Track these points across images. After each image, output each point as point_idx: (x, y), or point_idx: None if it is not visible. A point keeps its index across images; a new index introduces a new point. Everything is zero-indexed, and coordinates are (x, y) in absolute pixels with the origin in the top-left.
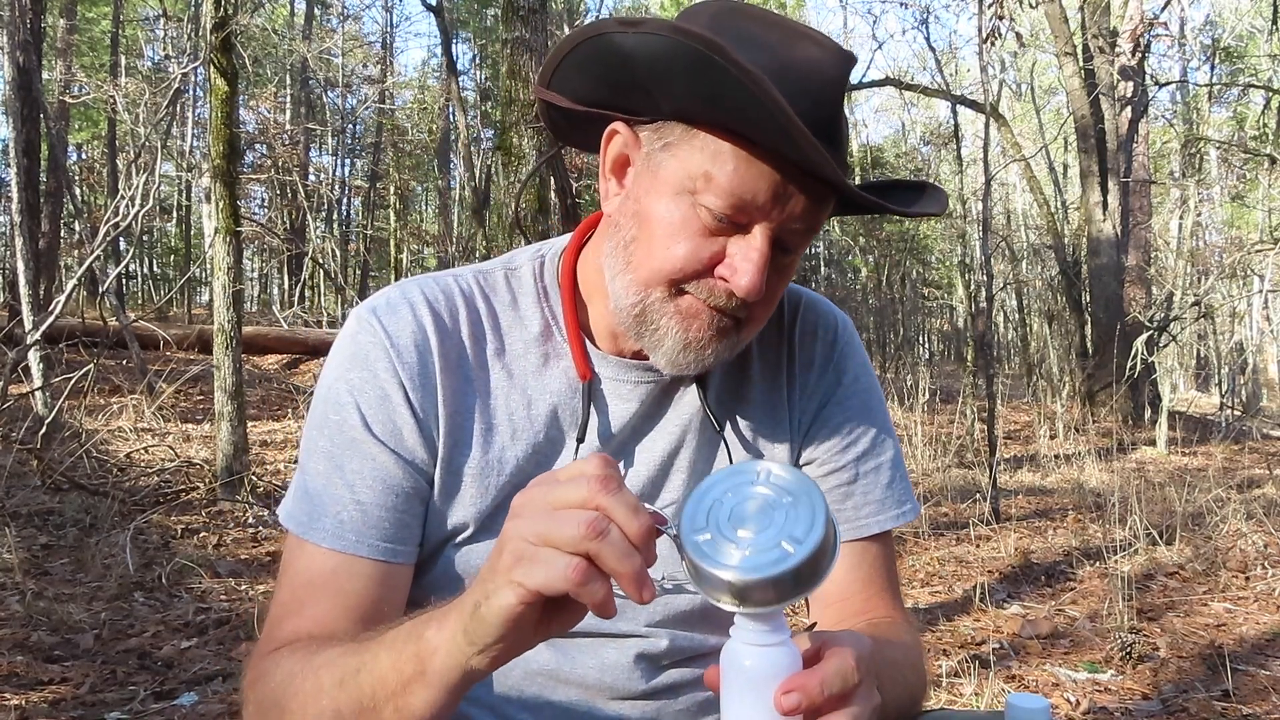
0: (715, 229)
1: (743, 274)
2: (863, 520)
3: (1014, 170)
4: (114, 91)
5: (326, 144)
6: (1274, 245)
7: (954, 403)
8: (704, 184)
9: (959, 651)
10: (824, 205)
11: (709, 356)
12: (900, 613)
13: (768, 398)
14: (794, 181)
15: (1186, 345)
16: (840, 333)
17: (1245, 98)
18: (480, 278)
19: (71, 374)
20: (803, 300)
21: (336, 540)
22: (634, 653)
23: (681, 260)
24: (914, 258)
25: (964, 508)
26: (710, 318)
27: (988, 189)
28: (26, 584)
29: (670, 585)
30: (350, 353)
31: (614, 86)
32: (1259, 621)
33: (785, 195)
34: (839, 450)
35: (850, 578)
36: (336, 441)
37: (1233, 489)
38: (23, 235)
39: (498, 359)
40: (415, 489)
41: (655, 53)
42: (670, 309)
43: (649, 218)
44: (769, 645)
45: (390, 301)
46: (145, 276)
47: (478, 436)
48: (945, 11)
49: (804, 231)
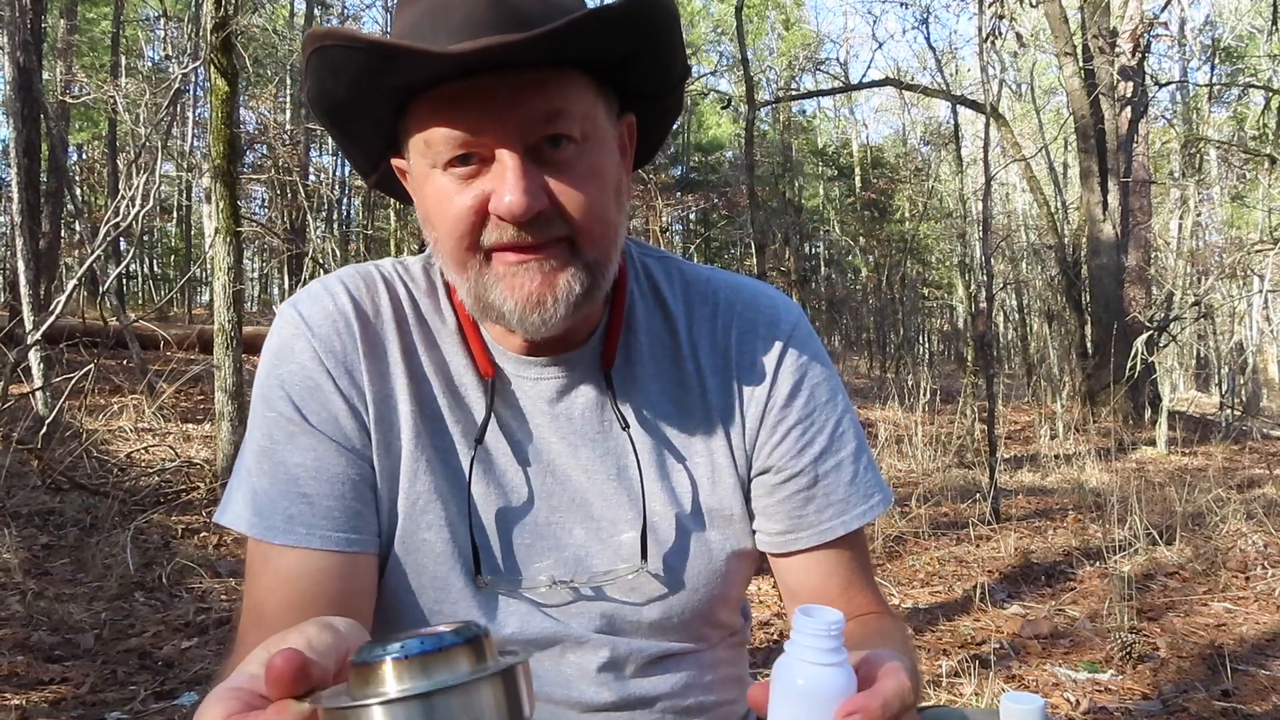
0: (467, 177)
1: (501, 197)
2: (826, 524)
3: (1014, 170)
4: (114, 92)
5: (326, 144)
6: (1274, 245)
7: (954, 403)
8: (431, 153)
9: (959, 651)
10: (534, 84)
11: (557, 304)
12: (883, 605)
13: (706, 401)
14: (474, 87)
15: (1186, 345)
16: (784, 327)
17: (1245, 98)
18: (399, 268)
19: (72, 374)
20: (741, 296)
21: (288, 536)
22: (596, 663)
23: (454, 220)
24: (914, 258)
25: (964, 508)
26: (528, 267)
27: (988, 189)
28: (27, 584)
29: (585, 588)
30: (275, 347)
31: (356, 139)
32: (1259, 621)
33: (483, 104)
34: (794, 454)
35: (828, 583)
36: (274, 437)
37: (1233, 489)
38: (23, 235)
39: (423, 343)
40: (360, 475)
41: (312, 93)
42: (492, 278)
43: (427, 213)
44: (829, 665)
45: (310, 293)
46: (145, 276)
47: (407, 420)
48: (945, 11)
49: (543, 117)
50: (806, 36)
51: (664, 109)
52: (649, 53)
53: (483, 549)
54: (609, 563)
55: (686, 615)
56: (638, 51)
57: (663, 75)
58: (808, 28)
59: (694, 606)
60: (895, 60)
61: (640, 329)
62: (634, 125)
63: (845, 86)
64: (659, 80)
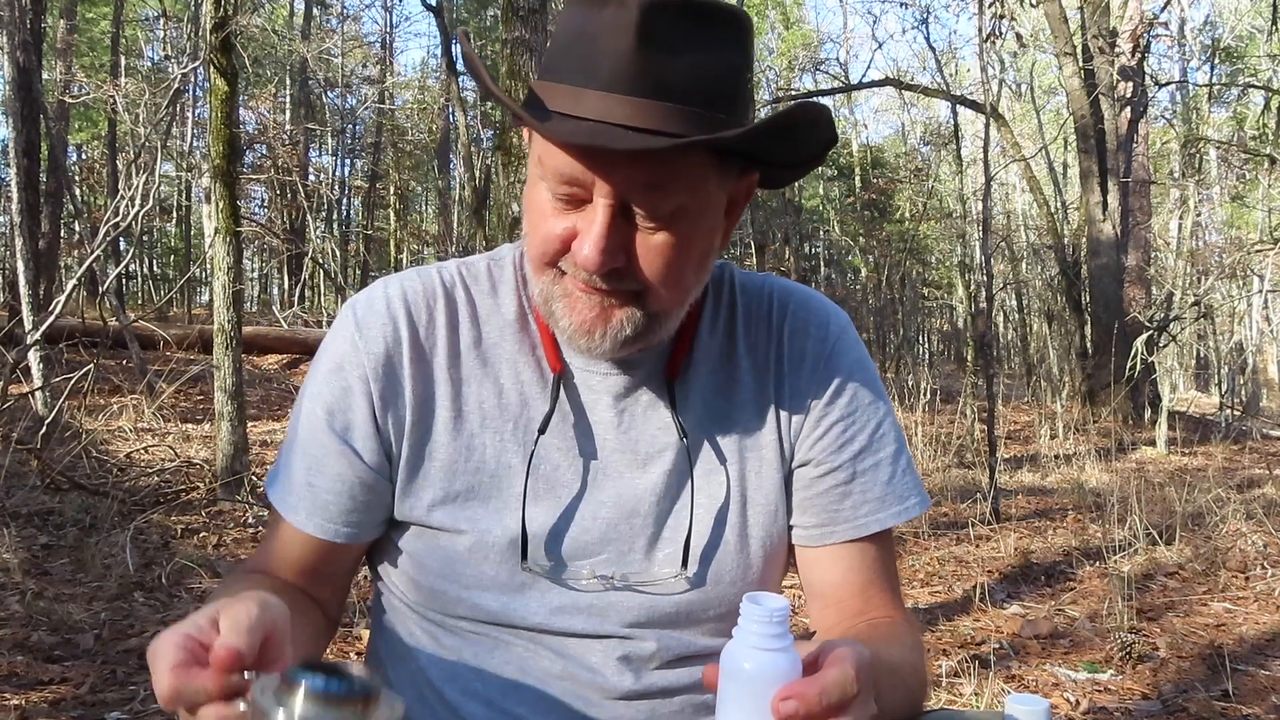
0: (563, 207)
1: (581, 244)
2: (861, 519)
3: (1014, 170)
4: (114, 91)
5: (326, 144)
6: (1274, 245)
7: (954, 403)
8: (541, 167)
9: (959, 651)
10: (656, 162)
11: (604, 338)
12: (901, 611)
13: (756, 399)
14: (601, 155)
15: (1186, 345)
16: (833, 329)
17: (1245, 98)
18: (464, 268)
19: (71, 374)
20: (794, 298)
21: (290, 513)
22: (618, 654)
23: (542, 240)
24: (914, 258)
25: (964, 508)
26: (590, 298)
27: (988, 189)
28: (26, 584)
29: (620, 584)
30: (328, 346)
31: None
32: (1259, 621)
33: (594, 155)
34: (834, 450)
35: (849, 579)
36: (305, 426)
37: (1232, 489)
38: (23, 235)
39: (473, 349)
40: (364, 480)
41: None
42: (558, 292)
43: (527, 207)
44: (771, 650)
45: (369, 297)
46: (145, 276)
47: (446, 424)
48: (945, 11)
49: (653, 190)
50: (806, 36)
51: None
52: (783, 141)
53: (532, 539)
54: (650, 566)
55: (718, 612)
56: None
57: (798, 154)
58: (808, 27)
59: (727, 603)
60: (895, 60)
61: (702, 341)
62: (754, 183)
63: (845, 86)
64: (792, 158)
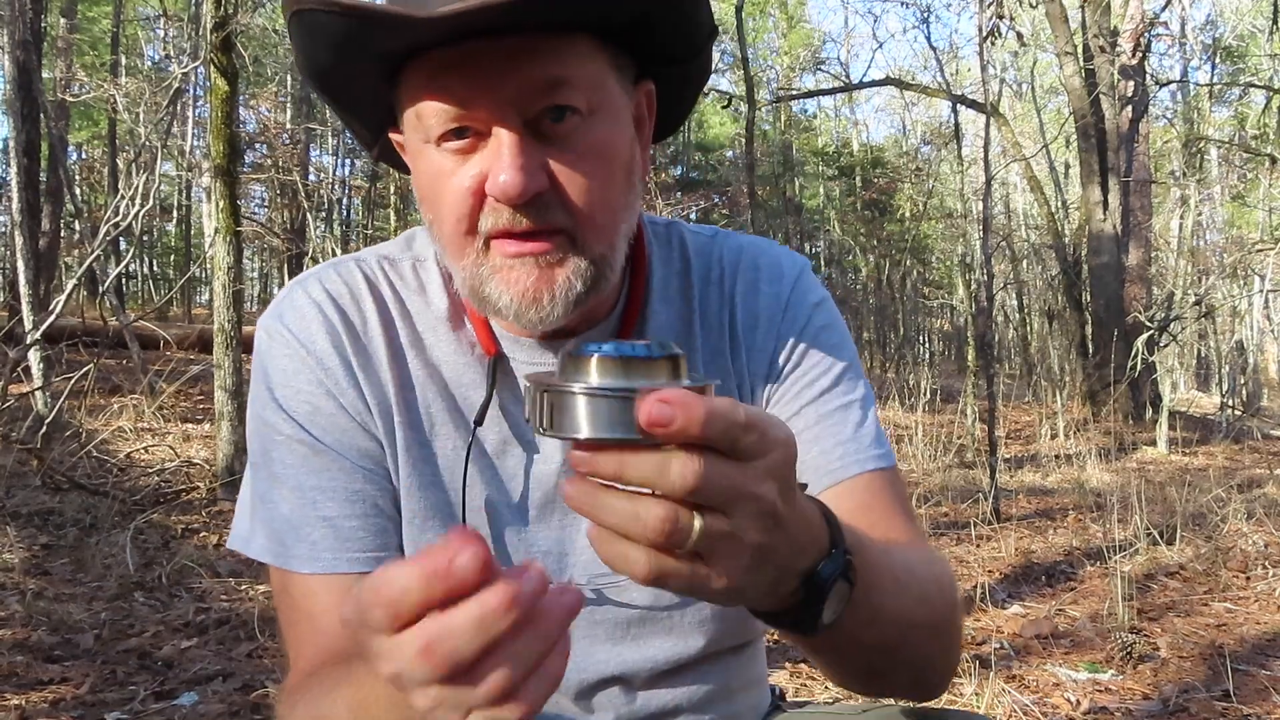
0: (463, 152)
1: (496, 175)
2: (834, 464)
3: (1014, 170)
4: (114, 91)
5: (327, 143)
6: (1274, 245)
7: (954, 403)
8: (423, 126)
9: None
10: (532, 49)
11: (554, 301)
12: (921, 541)
13: (713, 364)
14: (467, 54)
15: (1187, 345)
16: (785, 281)
17: (1246, 97)
18: (384, 263)
19: (72, 374)
20: (744, 256)
21: (313, 564)
22: (600, 674)
23: (452, 201)
24: (914, 257)
25: (964, 508)
26: (524, 263)
27: (988, 189)
28: (26, 584)
29: (590, 593)
30: (268, 368)
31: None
32: (1260, 621)
33: (476, 72)
34: (793, 396)
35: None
36: (287, 462)
37: (1233, 489)
38: (23, 235)
39: (412, 348)
40: (380, 489)
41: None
42: (488, 271)
43: (422, 192)
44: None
45: (295, 305)
46: (145, 276)
47: (403, 432)
48: (946, 11)
49: (543, 86)
50: (808, 36)
51: (688, 74)
52: (667, 11)
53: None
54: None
55: (701, 614)
56: (654, 10)
57: (685, 36)
58: (809, 26)
59: (703, 603)
60: (896, 60)
61: (654, 308)
62: (653, 93)
63: (846, 86)
64: (681, 42)
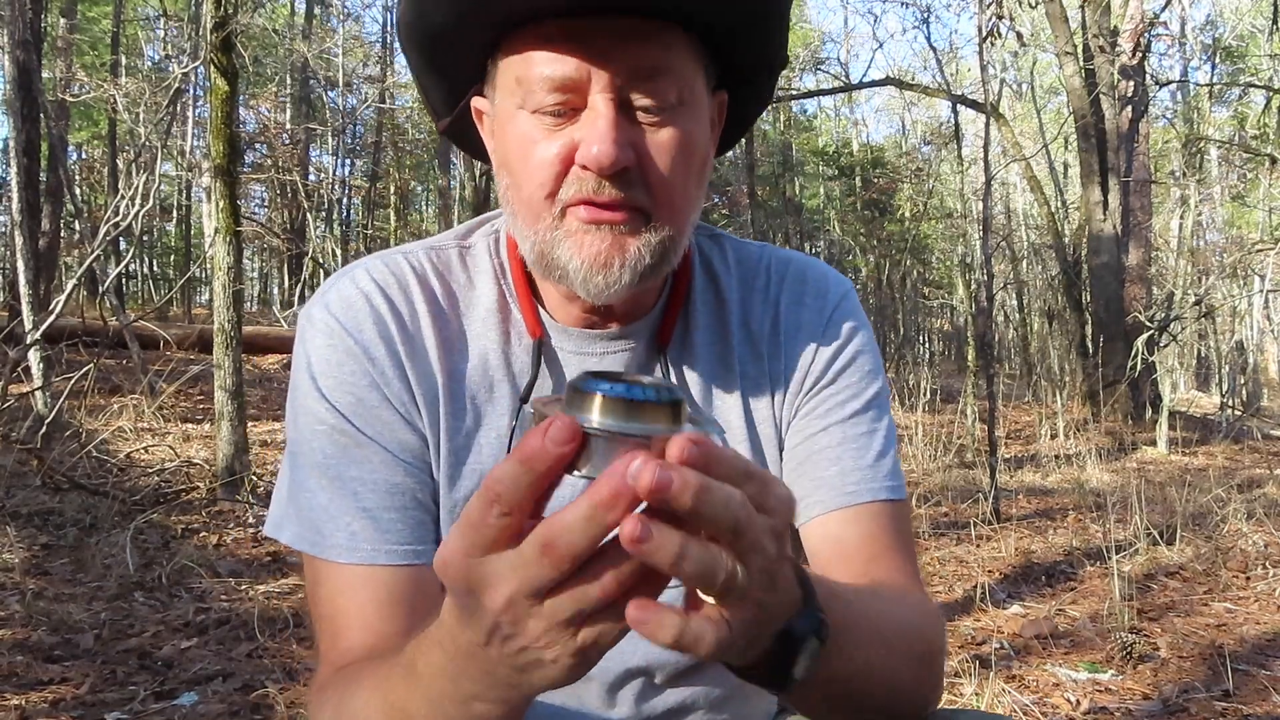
0: (554, 125)
1: (589, 145)
2: (850, 487)
3: (1014, 170)
4: (114, 91)
5: (326, 144)
6: (1274, 245)
7: (954, 403)
8: (522, 91)
9: (959, 651)
10: (640, 34)
11: (624, 269)
12: (915, 584)
13: (752, 368)
14: (578, 28)
15: (1187, 345)
16: (831, 298)
17: (1246, 97)
18: (433, 255)
19: (72, 374)
20: (791, 267)
21: (351, 554)
22: (619, 670)
23: (537, 167)
24: (914, 257)
25: (964, 508)
26: (599, 230)
27: (988, 189)
28: (26, 584)
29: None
30: (313, 356)
31: (442, 71)
32: (1260, 621)
33: (586, 47)
34: (823, 414)
35: (842, 550)
36: (328, 452)
37: (1234, 489)
38: (23, 235)
39: (460, 339)
40: (419, 483)
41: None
42: (561, 235)
43: (505, 157)
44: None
45: (343, 295)
46: (145, 276)
47: (446, 422)
48: (946, 11)
49: (646, 71)
50: (807, 36)
51: (754, 97)
52: (757, 25)
53: None
54: None
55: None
56: (747, 22)
57: (763, 55)
58: (809, 26)
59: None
60: (896, 60)
61: (696, 309)
62: (725, 104)
63: (846, 86)
64: (759, 59)
